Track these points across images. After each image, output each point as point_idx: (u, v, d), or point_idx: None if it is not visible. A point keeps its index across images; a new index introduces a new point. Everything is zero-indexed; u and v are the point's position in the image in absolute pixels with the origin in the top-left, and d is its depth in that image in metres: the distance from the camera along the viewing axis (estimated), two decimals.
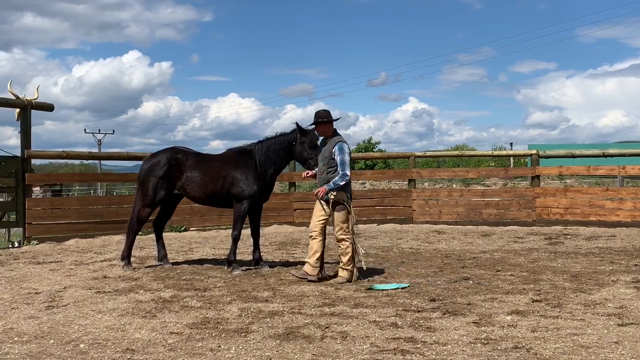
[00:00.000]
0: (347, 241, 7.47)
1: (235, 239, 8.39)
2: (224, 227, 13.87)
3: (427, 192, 16.22)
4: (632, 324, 5.38)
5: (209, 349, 4.77)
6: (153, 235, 12.44)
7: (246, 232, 8.75)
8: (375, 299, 6.52)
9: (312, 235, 7.61)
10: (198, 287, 7.18)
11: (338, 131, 7.76)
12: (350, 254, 7.48)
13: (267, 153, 8.21)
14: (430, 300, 6.41)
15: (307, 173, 8.03)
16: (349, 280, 7.44)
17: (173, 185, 8.55)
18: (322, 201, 7.53)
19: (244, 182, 8.25)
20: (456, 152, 24.54)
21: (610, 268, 8.27)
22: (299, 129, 7.98)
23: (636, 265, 8.47)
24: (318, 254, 7.52)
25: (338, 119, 7.71)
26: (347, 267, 7.50)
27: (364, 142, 38.44)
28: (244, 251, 10.21)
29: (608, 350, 4.59)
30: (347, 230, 7.47)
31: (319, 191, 7.50)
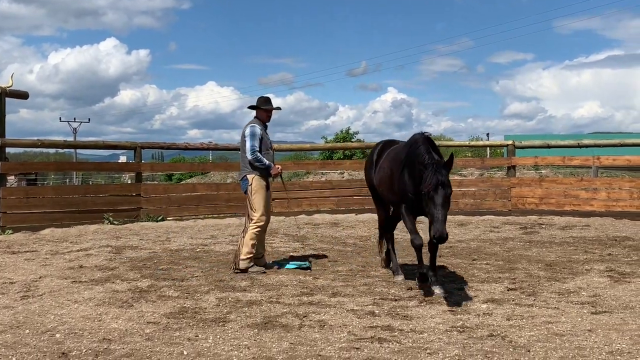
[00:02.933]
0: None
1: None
2: (201, 217, 13.82)
3: None
4: (605, 312, 5.47)
5: (186, 338, 4.76)
6: (130, 225, 12.41)
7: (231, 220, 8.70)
8: (353, 287, 6.56)
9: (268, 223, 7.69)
10: (175, 277, 7.15)
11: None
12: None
13: None
14: (408, 289, 6.46)
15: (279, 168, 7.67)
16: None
17: None
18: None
19: None
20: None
21: (584, 257, 8.39)
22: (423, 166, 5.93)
23: (609, 254, 8.60)
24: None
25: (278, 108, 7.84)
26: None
27: (342, 132, 38.34)
28: (222, 240, 10.19)
29: (582, 338, 4.67)
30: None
31: (279, 168, 7.59)
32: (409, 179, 6.28)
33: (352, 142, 34.56)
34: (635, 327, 4.93)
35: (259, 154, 7.41)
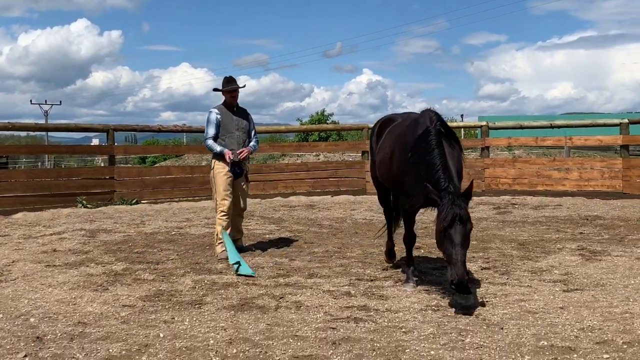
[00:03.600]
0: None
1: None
2: (176, 200, 13.74)
3: None
4: (576, 289, 5.57)
5: (162, 321, 4.75)
6: (104, 209, 12.29)
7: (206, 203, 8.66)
8: (329, 269, 6.59)
9: (244, 212, 7.71)
10: (150, 260, 7.11)
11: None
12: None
13: None
14: (383, 270, 6.51)
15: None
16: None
17: None
18: (246, 174, 7.62)
19: None
20: None
21: (557, 236, 8.52)
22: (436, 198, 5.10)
23: (581, 233, 8.75)
24: None
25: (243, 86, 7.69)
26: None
27: (318, 113, 38.28)
28: (198, 223, 10.15)
29: (554, 316, 4.76)
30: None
31: (244, 150, 7.45)
32: (414, 172, 5.41)
33: (327, 124, 34.55)
34: (606, 304, 5.03)
35: (209, 141, 7.43)
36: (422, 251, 7.54)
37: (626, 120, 14.28)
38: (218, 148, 7.40)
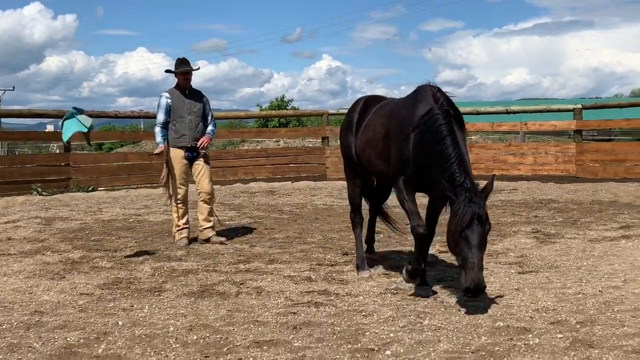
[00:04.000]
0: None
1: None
2: (133, 187, 13.55)
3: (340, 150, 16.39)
4: (531, 271, 5.71)
5: (121, 309, 4.70)
6: (59, 196, 12.05)
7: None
8: (290, 254, 6.60)
9: (210, 197, 7.34)
10: (108, 248, 7.02)
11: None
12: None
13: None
14: (343, 254, 6.56)
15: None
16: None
17: None
18: (205, 155, 7.33)
19: None
20: None
21: (512, 220, 8.69)
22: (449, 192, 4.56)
23: (536, 216, 8.94)
24: None
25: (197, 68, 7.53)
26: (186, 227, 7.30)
27: (278, 99, 38.10)
28: (156, 210, 10.04)
29: (510, 297, 4.87)
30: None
31: (204, 141, 7.26)
32: (418, 150, 4.79)
33: (287, 110, 34.45)
34: (560, 286, 5.17)
35: (156, 128, 7.29)
36: (382, 235, 7.61)
37: (579, 106, 14.61)
38: (158, 138, 7.22)
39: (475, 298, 4.40)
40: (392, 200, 5.88)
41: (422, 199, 5.33)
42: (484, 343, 3.84)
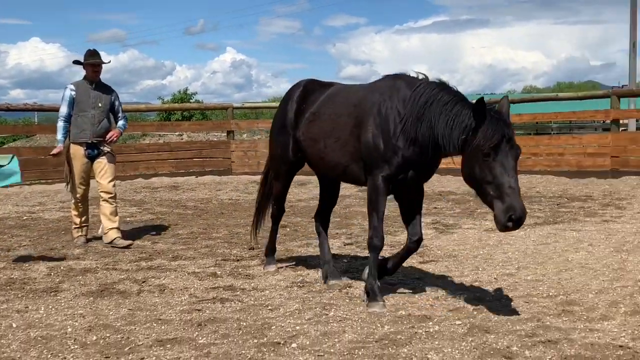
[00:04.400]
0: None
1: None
2: (27, 183, 12.89)
3: (245, 144, 16.35)
4: (431, 261, 5.90)
5: (15, 310, 4.47)
6: None
7: (60, 186, 8.15)
8: (194, 250, 6.50)
9: (112, 196, 6.93)
10: (0, 247, 6.66)
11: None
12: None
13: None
14: (249, 249, 6.52)
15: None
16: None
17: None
18: (108, 154, 6.95)
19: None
20: (274, 104, 24.72)
21: None
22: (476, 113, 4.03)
23: (435, 208, 9.25)
24: None
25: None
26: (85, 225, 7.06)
27: (180, 92, 37.39)
28: (52, 207, 9.60)
29: (411, 286, 5.01)
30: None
31: (113, 135, 6.92)
32: (417, 134, 4.31)
33: (190, 103, 33.86)
34: (458, 274, 5.37)
35: (59, 122, 6.90)
36: (288, 229, 7.63)
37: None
38: (59, 135, 6.84)
39: (518, 228, 3.91)
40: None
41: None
42: (387, 332, 3.93)
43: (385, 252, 6.23)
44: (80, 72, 7.13)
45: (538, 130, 28.67)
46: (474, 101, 4.04)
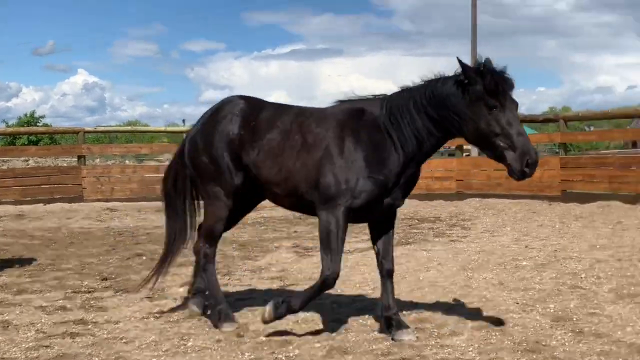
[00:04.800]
0: None
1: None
2: None
3: (98, 169, 15.74)
4: (292, 284, 5.95)
5: None
6: None
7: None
8: (41, 283, 6.10)
9: None
10: None
11: None
12: None
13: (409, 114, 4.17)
14: (102, 280, 6.24)
15: None
16: None
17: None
18: None
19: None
20: (129, 128, 24.03)
21: (274, 235, 9.01)
22: (468, 68, 3.96)
23: (295, 232, 9.37)
24: None
25: None
26: None
27: (27, 115, 35.34)
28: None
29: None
30: None
31: None
32: (393, 150, 4.24)
33: (38, 126, 32.03)
34: (318, 297, 5.45)
35: None
36: (144, 257, 7.39)
37: None
38: None
39: (530, 175, 3.83)
40: None
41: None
42: (247, 359, 3.90)
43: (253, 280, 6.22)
44: None
45: None
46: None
